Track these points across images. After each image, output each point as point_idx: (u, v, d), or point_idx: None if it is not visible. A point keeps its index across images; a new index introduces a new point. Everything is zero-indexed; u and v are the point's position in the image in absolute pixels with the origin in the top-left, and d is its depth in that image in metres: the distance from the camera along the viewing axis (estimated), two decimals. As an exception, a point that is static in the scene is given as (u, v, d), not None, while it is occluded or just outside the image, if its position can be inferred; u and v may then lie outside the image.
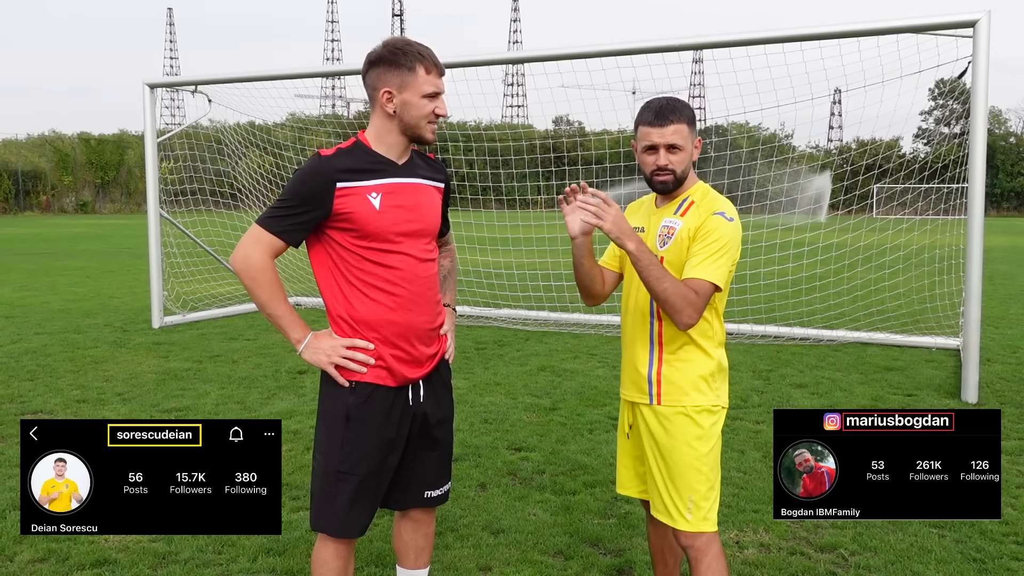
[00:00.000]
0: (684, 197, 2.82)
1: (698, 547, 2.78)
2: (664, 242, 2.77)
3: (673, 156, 2.75)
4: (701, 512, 2.78)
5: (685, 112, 2.76)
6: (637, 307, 2.87)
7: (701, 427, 2.78)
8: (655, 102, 2.79)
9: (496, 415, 6.22)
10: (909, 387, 7.15)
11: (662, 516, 2.84)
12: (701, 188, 2.85)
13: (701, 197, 2.81)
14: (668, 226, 2.78)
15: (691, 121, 2.78)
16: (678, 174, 2.77)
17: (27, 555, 3.80)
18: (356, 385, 2.66)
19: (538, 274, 12.41)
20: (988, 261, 11.09)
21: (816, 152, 24.26)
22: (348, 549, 2.76)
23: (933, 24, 7.09)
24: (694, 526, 2.77)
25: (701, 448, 2.78)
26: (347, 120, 22.31)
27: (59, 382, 7.22)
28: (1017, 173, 64.27)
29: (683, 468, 2.77)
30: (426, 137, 2.69)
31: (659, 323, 2.81)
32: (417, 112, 2.63)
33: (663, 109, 2.75)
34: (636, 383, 2.87)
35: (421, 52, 2.63)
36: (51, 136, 64.64)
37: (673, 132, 2.73)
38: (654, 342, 2.83)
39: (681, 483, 2.77)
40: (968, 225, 6.93)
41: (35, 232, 33.49)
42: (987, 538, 4.02)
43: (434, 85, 2.64)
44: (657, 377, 2.82)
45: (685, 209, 2.79)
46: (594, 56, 8.68)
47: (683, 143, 2.74)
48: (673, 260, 2.75)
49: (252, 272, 2.62)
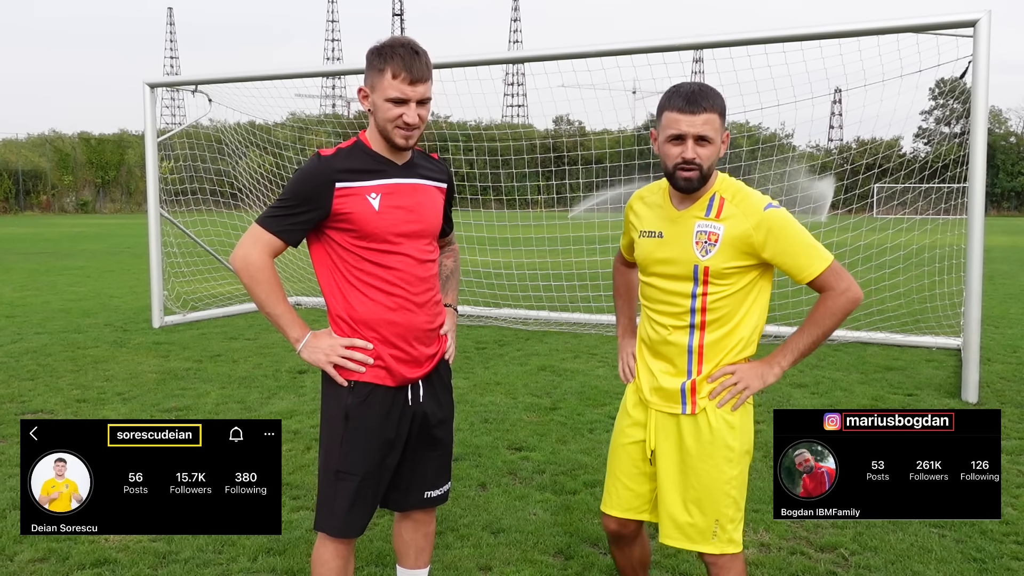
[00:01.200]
0: (711, 194, 2.56)
1: (721, 564, 2.65)
2: (707, 250, 2.52)
3: (702, 149, 2.47)
4: (726, 535, 2.62)
5: (718, 101, 2.49)
6: (670, 317, 2.63)
7: (731, 449, 2.62)
8: (685, 87, 2.50)
9: (496, 415, 6.21)
10: (909, 387, 7.15)
11: (679, 543, 2.65)
12: (725, 181, 2.60)
13: (732, 193, 2.56)
14: (707, 231, 2.52)
15: (723, 112, 2.51)
16: (704, 170, 2.49)
17: (27, 555, 3.81)
18: (355, 385, 2.66)
19: (538, 274, 12.41)
20: (988, 261, 11.09)
21: (816, 152, 24.27)
22: (348, 549, 2.76)
23: (933, 24, 7.09)
24: (719, 548, 2.62)
25: (730, 471, 2.61)
26: (347, 120, 22.29)
27: (59, 382, 7.22)
28: (1017, 173, 64.24)
29: (711, 492, 2.59)
30: (395, 142, 2.61)
31: (701, 333, 2.60)
32: (382, 115, 2.58)
33: (695, 95, 2.46)
34: (665, 390, 2.66)
35: (397, 54, 2.53)
36: (51, 136, 64.60)
37: (704, 122, 2.45)
38: (693, 352, 2.62)
39: (708, 507, 2.60)
40: (968, 225, 6.93)
41: (35, 232, 33.49)
42: (987, 538, 4.02)
43: (398, 90, 2.53)
44: (692, 386, 2.62)
45: (719, 209, 2.53)
46: (594, 56, 8.68)
47: (714, 136, 2.47)
48: (719, 268, 2.52)
49: (251, 271, 2.62)
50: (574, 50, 8.75)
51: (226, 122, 12.91)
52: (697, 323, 2.59)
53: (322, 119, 17.22)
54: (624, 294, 3.05)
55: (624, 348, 2.90)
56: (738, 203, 2.53)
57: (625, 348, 2.89)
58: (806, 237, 2.51)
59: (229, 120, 12.99)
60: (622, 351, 2.90)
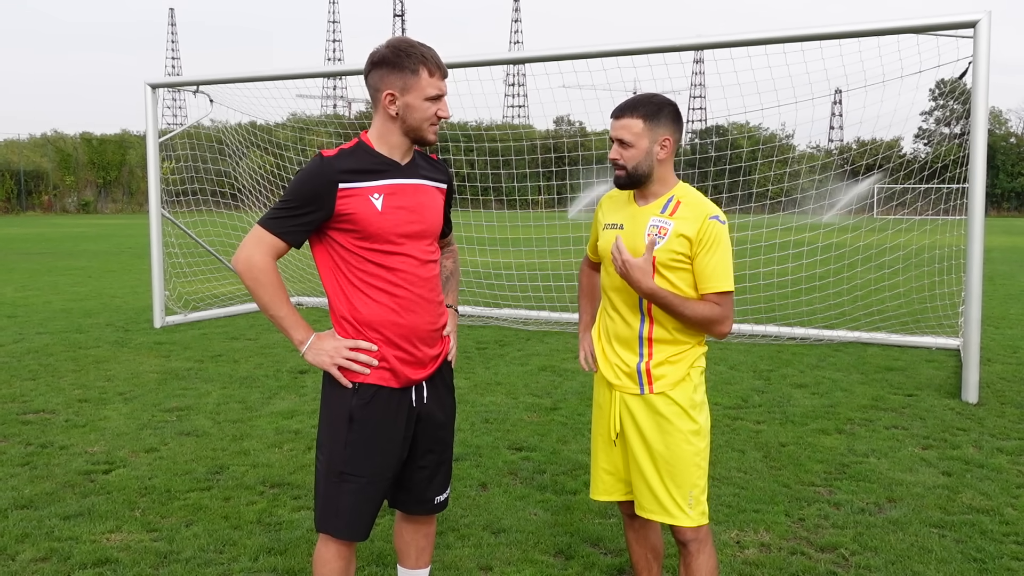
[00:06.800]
0: (669, 196, 2.81)
1: (700, 539, 2.85)
2: (656, 242, 2.75)
3: (624, 151, 2.76)
4: (700, 506, 2.83)
5: (642, 109, 2.75)
6: (625, 305, 2.86)
7: (696, 422, 2.82)
8: (633, 97, 2.82)
9: (497, 415, 6.22)
10: (910, 387, 7.15)
11: (658, 515, 2.85)
12: (684, 187, 2.85)
13: (688, 197, 2.81)
14: (659, 225, 2.77)
15: (649, 117, 2.74)
16: (629, 170, 2.77)
17: (29, 554, 3.81)
18: (359, 386, 2.66)
19: (538, 274, 12.42)
20: (988, 261, 11.10)
21: (817, 152, 24.26)
22: (349, 549, 2.76)
23: (933, 24, 7.10)
24: (695, 520, 2.82)
25: (699, 443, 2.82)
26: (348, 120, 22.31)
27: (61, 382, 7.23)
28: (1017, 173, 64.25)
29: (684, 464, 2.79)
30: (428, 139, 2.69)
31: (650, 322, 2.82)
32: (420, 115, 2.63)
33: (622, 104, 2.78)
34: (624, 372, 2.87)
35: (424, 54, 2.61)
36: (53, 136, 64.70)
37: (621, 127, 2.75)
38: (643, 339, 2.84)
39: (682, 480, 2.80)
40: (968, 225, 6.93)
41: (37, 232, 33.51)
42: (987, 538, 4.03)
43: (437, 88, 2.63)
44: (647, 368, 2.83)
45: (673, 209, 2.78)
46: (595, 56, 8.69)
47: (632, 139, 2.74)
48: (664, 260, 2.75)
49: (254, 273, 2.62)
50: (575, 51, 8.76)
51: (227, 122, 12.95)
52: (645, 310, 2.82)
53: (323, 119, 17.23)
54: (588, 293, 3.28)
55: (584, 340, 3.13)
56: (691, 207, 2.78)
57: (584, 340, 3.12)
58: (728, 258, 2.77)
59: (230, 120, 13.04)
60: (582, 343, 3.13)
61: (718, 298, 2.74)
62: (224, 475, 4.90)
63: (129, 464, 5.08)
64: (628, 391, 2.87)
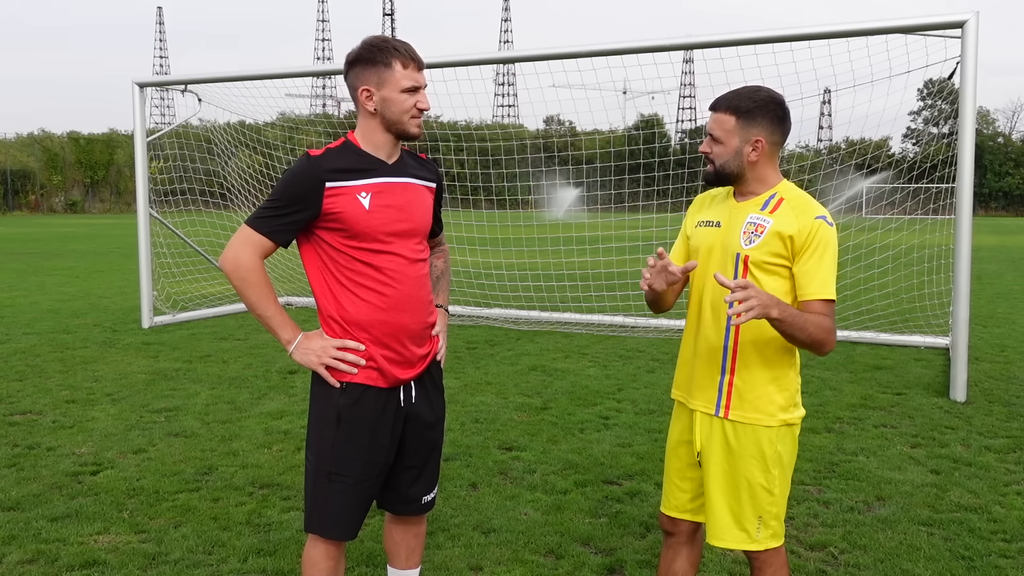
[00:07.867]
0: (771, 194, 2.61)
1: (764, 559, 2.70)
2: (751, 239, 2.56)
3: (713, 146, 2.61)
4: (770, 530, 2.66)
5: (736, 103, 2.58)
6: (714, 313, 2.65)
7: (775, 448, 2.60)
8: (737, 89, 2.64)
9: (487, 414, 6.22)
10: (898, 386, 7.18)
11: (726, 542, 2.67)
12: (788, 185, 2.65)
13: (792, 195, 2.60)
14: (756, 223, 2.57)
15: (743, 115, 2.57)
16: (716, 166, 2.61)
17: (16, 556, 3.78)
18: (347, 386, 2.65)
19: (528, 274, 12.42)
20: (976, 260, 11.16)
21: (806, 152, 24.34)
22: (339, 549, 2.75)
23: (922, 25, 7.12)
24: (762, 545, 2.66)
25: (772, 471, 2.61)
26: (337, 119, 22.25)
27: (48, 382, 7.18)
28: (1005, 173, 64.67)
29: (754, 492, 2.62)
30: (411, 132, 2.66)
31: (736, 331, 2.61)
32: (398, 108, 2.61)
33: (721, 96, 2.61)
34: (703, 392, 2.68)
35: (396, 47, 2.60)
36: (40, 135, 64.34)
37: (714, 120, 2.61)
38: (728, 351, 2.62)
39: (749, 508, 2.63)
40: (956, 225, 6.97)
41: (24, 232, 33.31)
42: (975, 536, 4.05)
43: (412, 79, 2.61)
44: (728, 389, 2.63)
45: (774, 206, 2.58)
46: (585, 56, 8.70)
47: (722, 136, 2.58)
48: (758, 259, 2.54)
49: (241, 273, 2.61)
50: (565, 50, 8.76)
51: (216, 122, 12.89)
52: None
53: (312, 119, 17.19)
54: None
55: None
56: (795, 205, 2.57)
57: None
58: (834, 265, 2.55)
59: (219, 120, 12.97)
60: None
61: (823, 307, 2.49)
62: (213, 476, 4.88)
63: (117, 465, 5.05)
64: (706, 410, 2.67)
